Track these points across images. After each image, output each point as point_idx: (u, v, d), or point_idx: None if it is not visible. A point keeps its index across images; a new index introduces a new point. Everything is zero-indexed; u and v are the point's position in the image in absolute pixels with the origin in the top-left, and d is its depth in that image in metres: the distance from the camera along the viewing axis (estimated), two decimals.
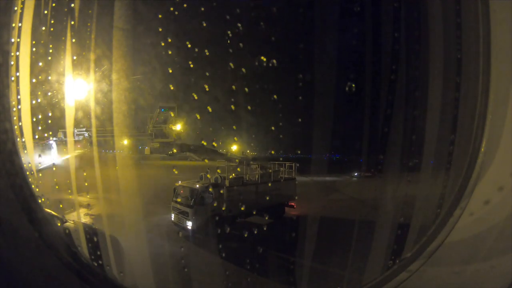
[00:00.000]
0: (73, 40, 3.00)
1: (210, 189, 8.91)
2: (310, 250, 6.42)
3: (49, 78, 2.90)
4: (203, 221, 8.35)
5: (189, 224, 8.34)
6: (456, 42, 1.78)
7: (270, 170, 11.19)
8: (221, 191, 9.03)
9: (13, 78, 1.41)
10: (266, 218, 9.57)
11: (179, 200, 9.04)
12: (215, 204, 8.76)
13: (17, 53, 1.57)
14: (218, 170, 10.05)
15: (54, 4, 2.69)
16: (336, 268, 5.81)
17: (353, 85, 3.88)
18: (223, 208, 8.85)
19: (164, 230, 8.38)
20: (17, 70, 1.58)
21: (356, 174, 21.28)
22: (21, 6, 1.62)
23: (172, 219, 8.92)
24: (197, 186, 9.04)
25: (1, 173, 1.18)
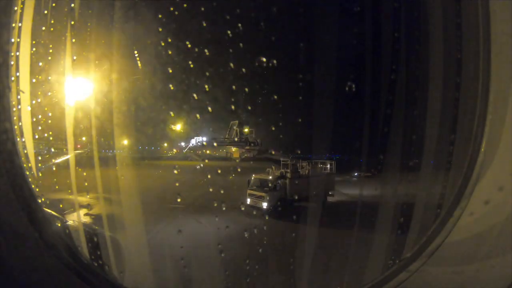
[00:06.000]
0: (73, 40, 2.99)
1: (279, 180, 12.46)
2: (309, 249, 6.43)
3: (49, 78, 2.89)
4: (273, 203, 11.74)
5: (264, 205, 11.75)
6: (456, 42, 1.77)
7: (319, 166, 14.78)
8: (285, 182, 12.52)
9: (13, 78, 1.41)
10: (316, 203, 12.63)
11: (254, 187, 12.39)
12: (281, 191, 12.31)
13: (17, 53, 1.57)
14: (273, 167, 13.46)
15: (54, 4, 2.69)
16: (335, 268, 5.81)
17: (353, 85, 3.88)
18: (287, 194, 12.36)
19: (164, 230, 8.43)
20: (17, 70, 1.57)
21: (356, 174, 21.25)
22: (21, 6, 1.62)
23: (248, 202, 12.09)
24: (270, 177, 12.62)
25: (1, 173, 1.18)
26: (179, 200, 12.66)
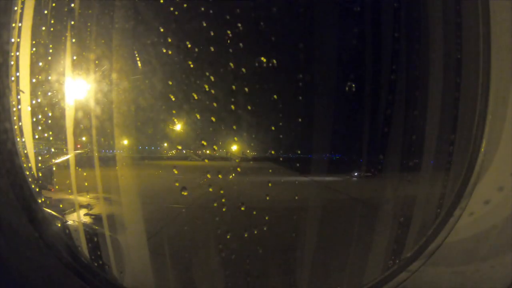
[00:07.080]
0: (73, 40, 2.99)
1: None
2: (309, 249, 6.42)
3: (49, 78, 2.88)
4: None
5: None
6: (456, 42, 1.77)
7: None
8: None
9: (13, 78, 1.41)
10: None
11: None
12: None
13: (17, 53, 1.57)
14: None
15: (54, 4, 2.69)
16: (335, 268, 5.80)
17: (353, 85, 3.88)
18: None
19: (164, 230, 8.44)
20: (17, 70, 1.58)
21: (356, 174, 21.23)
22: (21, 6, 1.62)
23: None
24: None
25: (1, 173, 1.18)
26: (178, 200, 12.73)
